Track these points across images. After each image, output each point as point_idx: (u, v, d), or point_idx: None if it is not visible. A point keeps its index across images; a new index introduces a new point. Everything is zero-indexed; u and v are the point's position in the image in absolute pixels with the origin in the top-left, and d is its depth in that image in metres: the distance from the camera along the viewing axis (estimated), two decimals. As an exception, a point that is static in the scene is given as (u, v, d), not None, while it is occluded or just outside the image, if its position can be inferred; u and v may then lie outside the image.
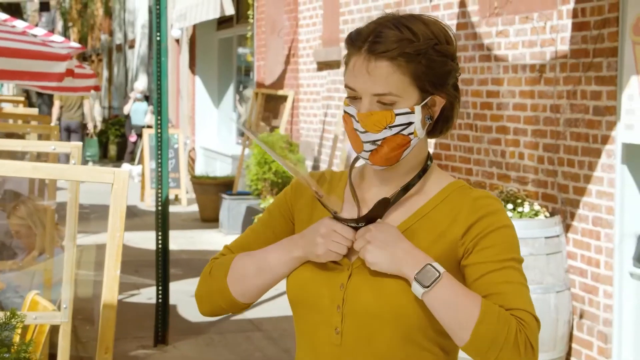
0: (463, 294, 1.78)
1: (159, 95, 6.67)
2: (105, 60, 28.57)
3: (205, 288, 2.04)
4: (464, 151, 6.88)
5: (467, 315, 1.76)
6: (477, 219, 1.87)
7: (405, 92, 1.85)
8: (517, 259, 1.86)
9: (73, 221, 3.71)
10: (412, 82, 1.85)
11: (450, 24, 7.04)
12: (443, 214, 1.90)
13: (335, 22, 9.42)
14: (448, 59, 1.88)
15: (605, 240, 5.40)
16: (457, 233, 1.87)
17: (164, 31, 6.67)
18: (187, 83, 15.81)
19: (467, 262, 1.86)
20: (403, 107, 1.85)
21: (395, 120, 1.85)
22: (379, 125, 1.85)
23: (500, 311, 1.77)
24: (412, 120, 1.86)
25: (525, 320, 1.78)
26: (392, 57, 1.83)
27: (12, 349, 2.57)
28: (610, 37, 5.31)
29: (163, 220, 6.67)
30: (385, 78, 1.83)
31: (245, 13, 13.03)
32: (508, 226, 1.88)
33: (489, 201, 1.90)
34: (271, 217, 2.07)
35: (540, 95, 5.98)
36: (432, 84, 1.87)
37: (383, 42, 1.83)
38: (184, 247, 10.20)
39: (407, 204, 1.93)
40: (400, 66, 1.83)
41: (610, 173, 5.34)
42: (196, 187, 12.60)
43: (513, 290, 1.81)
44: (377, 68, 1.84)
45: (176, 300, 7.50)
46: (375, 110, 1.85)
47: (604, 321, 5.42)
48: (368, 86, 1.85)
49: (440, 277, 1.78)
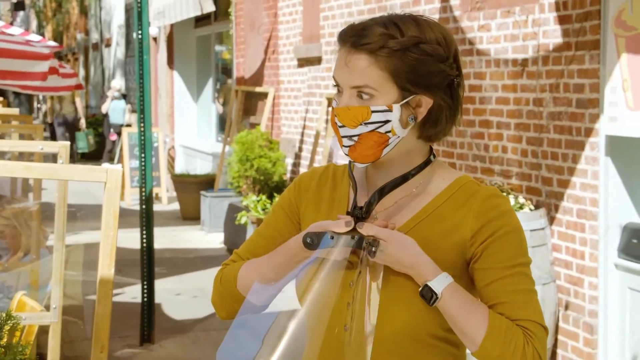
0: (467, 309, 1.79)
1: (142, 93, 6.64)
2: (81, 59, 28.40)
3: (219, 295, 2.05)
4: (447, 145, 6.90)
5: (474, 331, 1.78)
6: (487, 221, 1.86)
7: (382, 87, 1.83)
8: (525, 262, 1.86)
9: (61, 221, 3.69)
10: (390, 78, 1.83)
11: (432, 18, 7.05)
12: (451, 211, 1.89)
13: (315, 18, 9.42)
14: (435, 59, 1.84)
15: (590, 232, 5.44)
16: (466, 233, 1.86)
17: (145, 29, 6.64)
18: (165, 81, 15.75)
19: (476, 266, 1.86)
20: (380, 104, 1.83)
21: (372, 117, 1.83)
22: (355, 121, 1.84)
23: (508, 326, 1.78)
24: (389, 119, 1.84)
25: (533, 331, 1.79)
26: (371, 50, 1.81)
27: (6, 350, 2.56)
28: (592, 30, 5.34)
29: (147, 218, 6.65)
30: (362, 70, 1.82)
31: (224, 10, 12.99)
32: (517, 229, 1.88)
33: (498, 201, 1.89)
34: (276, 217, 2.06)
35: (523, 88, 6.01)
36: (414, 83, 1.83)
37: (366, 35, 1.83)
38: (167, 246, 10.18)
39: (414, 202, 1.92)
40: (379, 60, 1.82)
41: (594, 165, 5.37)
42: (177, 185, 12.57)
43: (521, 299, 1.82)
44: (355, 60, 1.83)
45: (161, 299, 7.49)
46: (353, 105, 1.85)
47: (590, 312, 5.45)
48: (346, 78, 1.85)
49: (439, 299, 1.79)
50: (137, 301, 6.98)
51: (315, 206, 2.02)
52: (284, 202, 2.07)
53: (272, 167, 10.02)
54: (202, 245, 10.44)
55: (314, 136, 9.42)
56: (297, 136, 10.13)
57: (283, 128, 10.56)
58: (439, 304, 1.80)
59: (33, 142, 3.84)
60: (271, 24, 10.72)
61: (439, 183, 1.93)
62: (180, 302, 7.76)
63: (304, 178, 2.07)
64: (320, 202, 2.01)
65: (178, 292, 8.08)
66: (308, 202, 2.03)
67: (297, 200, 2.05)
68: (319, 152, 9.28)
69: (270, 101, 10.62)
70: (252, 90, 11.16)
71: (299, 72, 9.98)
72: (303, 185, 2.06)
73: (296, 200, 2.05)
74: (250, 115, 11.46)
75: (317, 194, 2.02)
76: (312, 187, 2.04)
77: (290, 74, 10.26)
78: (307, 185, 2.05)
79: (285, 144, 10.43)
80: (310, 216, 2.01)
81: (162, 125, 15.63)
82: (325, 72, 9.25)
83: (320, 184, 2.04)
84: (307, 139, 9.83)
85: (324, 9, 9.13)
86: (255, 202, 9.47)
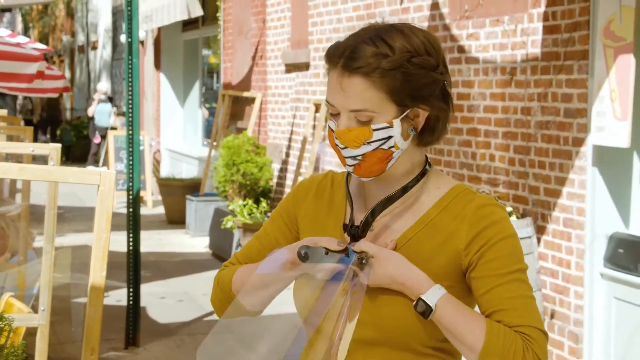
0: (464, 321, 1.79)
1: (131, 96, 6.63)
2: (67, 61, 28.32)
3: (216, 297, 2.06)
4: (435, 153, 6.92)
5: (472, 340, 1.78)
6: (481, 230, 1.85)
7: (381, 108, 1.82)
8: (522, 269, 1.86)
9: (51, 223, 3.69)
10: (387, 97, 1.82)
11: (421, 26, 7.07)
12: (447, 221, 1.88)
13: (304, 23, 9.44)
14: (428, 70, 1.84)
15: (576, 242, 5.47)
16: (461, 242, 1.86)
17: (135, 32, 6.63)
18: (151, 85, 15.73)
19: (473, 275, 1.85)
20: (380, 122, 1.83)
21: (373, 135, 1.83)
22: (357, 141, 1.84)
23: (506, 333, 1.78)
24: (391, 135, 1.84)
25: (533, 336, 1.79)
26: (365, 73, 1.80)
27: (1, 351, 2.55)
28: (581, 40, 5.37)
29: (134, 221, 6.64)
30: (359, 94, 1.81)
31: (212, 15, 12.99)
32: (512, 235, 1.87)
33: (492, 209, 1.88)
34: (274, 224, 2.06)
35: (511, 97, 6.04)
36: (411, 97, 1.84)
37: (358, 57, 1.81)
38: (152, 249, 10.15)
39: (410, 212, 1.92)
40: (375, 82, 1.81)
41: (581, 175, 5.41)
42: (162, 189, 12.55)
43: (519, 305, 1.82)
44: (351, 84, 1.81)
45: (146, 303, 7.47)
46: (353, 126, 1.84)
47: (575, 321, 5.48)
48: (343, 102, 1.83)
49: (435, 311, 1.79)
50: (122, 304, 6.96)
51: (314, 214, 2.01)
52: (282, 210, 2.07)
53: (258, 172, 10.02)
54: (187, 249, 10.43)
55: (300, 141, 9.43)
56: (284, 141, 10.14)
57: (270, 133, 10.56)
58: (434, 316, 1.79)
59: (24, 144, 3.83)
60: (259, 29, 10.73)
61: (434, 193, 1.93)
62: (166, 305, 7.75)
63: (303, 186, 2.07)
64: (318, 211, 2.01)
65: (163, 296, 8.06)
66: (306, 210, 2.03)
67: (295, 208, 2.05)
68: (306, 157, 9.29)
69: (257, 106, 10.62)
70: (240, 95, 11.17)
71: (287, 77, 9.99)
72: (301, 193, 2.06)
73: (294, 208, 2.05)
74: (237, 120, 11.46)
75: (315, 202, 2.02)
76: (310, 195, 2.04)
77: (277, 79, 10.27)
78: (305, 193, 2.05)
79: (272, 149, 10.44)
80: (307, 224, 2.01)
81: (147, 128, 15.61)
82: (312, 78, 9.26)
83: (319, 192, 2.04)
84: (294, 144, 9.84)
85: (313, 15, 9.15)
86: (242, 207, 9.47)
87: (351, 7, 8.29)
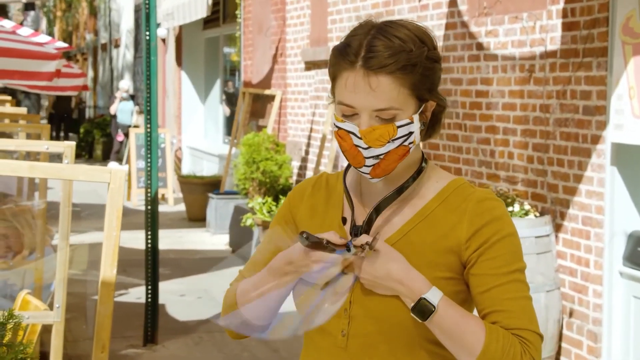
0: (464, 324, 1.78)
1: (149, 94, 6.65)
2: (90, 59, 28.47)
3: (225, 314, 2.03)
4: (453, 151, 6.90)
5: (471, 343, 1.77)
6: (482, 225, 1.85)
7: (405, 104, 1.83)
8: (520, 268, 1.86)
9: (66, 221, 3.70)
10: (411, 93, 1.83)
11: (439, 23, 7.06)
12: (445, 214, 1.88)
13: (323, 21, 9.42)
14: (438, 63, 1.88)
15: (595, 240, 5.42)
16: (461, 236, 1.85)
17: (153, 30, 6.64)
18: (173, 83, 15.77)
19: (472, 272, 1.85)
20: (403, 119, 1.83)
21: (398, 132, 1.83)
22: (382, 140, 1.83)
23: (505, 337, 1.77)
24: (412, 130, 1.85)
25: (529, 340, 1.79)
26: (391, 72, 1.80)
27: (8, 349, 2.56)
28: (600, 37, 5.33)
29: (152, 219, 6.66)
30: (387, 93, 1.80)
31: (232, 13, 13.01)
32: (512, 234, 1.87)
33: (493, 204, 1.88)
34: (274, 232, 2.04)
35: (530, 95, 6.00)
36: (428, 91, 1.86)
37: (377, 56, 1.80)
38: (172, 247, 10.19)
39: (408, 206, 1.91)
40: (399, 79, 1.81)
41: (600, 173, 5.36)
42: (183, 187, 12.58)
43: (517, 307, 1.81)
44: (380, 84, 1.80)
45: (165, 300, 7.50)
46: (375, 124, 1.83)
47: (594, 320, 5.44)
48: (369, 102, 1.81)
49: (436, 311, 1.77)
50: (141, 302, 6.98)
51: (311, 215, 2.01)
52: (281, 217, 2.06)
53: (278, 169, 10.02)
54: (207, 247, 10.45)
55: (320, 139, 9.42)
56: (303, 139, 10.14)
57: (290, 131, 10.56)
58: (434, 317, 1.77)
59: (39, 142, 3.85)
60: (279, 27, 10.73)
61: (433, 186, 1.93)
62: (185, 303, 7.76)
63: (298, 189, 2.07)
64: (315, 212, 2.00)
65: (182, 293, 8.09)
66: (303, 212, 2.02)
67: (292, 212, 2.04)
68: (325, 155, 9.28)
69: (277, 104, 10.63)
70: (260, 92, 11.18)
71: (306, 75, 9.98)
72: (297, 197, 2.05)
73: (292, 212, 2.04)
74: (257, 117, 11.47)
75: (311, 204, 2.02)
76: (305, 197, 2.03)
77: (297, 77, 10.27)
78: (300, 196, 2.05)
79: (291, 147, 10.44)
80: (306, 223, 2.00)
81: (169, 126, 15.66)
82: (332, 76, 9.24)
83: (314, 193, 2.03)
84: (314, 142, 9.83)
85: (332, 13, 9.14)
86: (261, 205, 9.47)
87: (370, 4, 8.27)
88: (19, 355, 2.51)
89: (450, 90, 6.88)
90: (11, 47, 5.45)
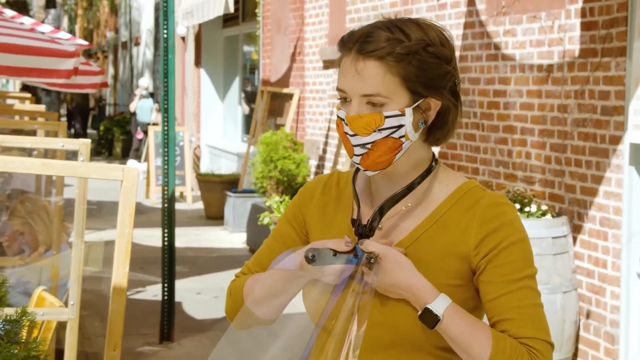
0: (470, 332, 1.76)
1: (166, 92, 6.67)
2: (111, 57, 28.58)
3: (230, 307, 2.04)
4: (471, 150, 6.87)
5: (477, 352, 1.75)
6: (491, 231, 1.82)
7: (394, 94, 1.80)
8: (531, 275, 1.82)
9: (80, 218, 3.71)
10: (402, 84, 1.80)
11: (457, 22, 7.03)
12: (456, 219, 1.85)
13: (341, 20, 9.42)
14: (442, 61, 1.82)
15: (613, 241, 5.39)
16: (470, 242, 1.82)
17: (171, 29, 6.66)
18: (192, 81, 15.81)
19: (482, 279, 1.82)
20: (393, 109, 1.80)
21: (385, 122, 1.80)
22: (368, 128, 1.80)
23: (512, 347, 1.75)
24: (402, 123, 1.81)
25: (538, 349, 1.77)
26: (380, 57, 1.78)
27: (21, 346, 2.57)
28: (618, 37, 5.29)
29: (169, 217, 6.67)
30: (373, 77, 1.79)
31: (251, 11, 13.02)
32: (522, 239, 1.83)
33: (503, 209, 1.84)
34: (281, 229, 2.03)
35: (548, 94, 5.97)
36: (425, 86, 1.81)
37: (372, 41, 1.79)
38: (190, 245, 10.21)
39: (418, 210, 1.88)
40: (390, 66, 1.79)
41: (618, 173, 5.33)
42: (201, 185, 12.61)
43: (527, 315, 1.78)
44: (365, 67, 1.79)
45: (181, 298, 7.51)
46: (364, 112, 1.81)
47: (611, 322, 5.40)
48: (357, 86, 1.80)
49: (442, 320, 1.76)
50: (158, 299, 7.00)
51: (320, 215, 1.99)
52: (290, 214, 2.04)
53: (295, 168, 10.02)
54: (224, 245, 10.46)
55: (337, 138, 9.41)
56: (321, 138, 10.13)
57: (307, 130, 10.56)
58: (440, 326, 1.76)
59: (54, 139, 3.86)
60: (297, 26, 10.73)
61: (443, 189, 1.90)
62: (201, 301, 7.78)
63: (308, 187, 2.05)
64: (325, 211, 1.98)
65: (199, 292, 8.10)
66: (313, 211, 2.00)
67: (302, 210, 2.02)
68: (343, 154, 9.27)
69: (295, 102, 10.63)
70: (278, 91, 11.18)
71: (324, 73, 9.98)
72: (307, 195, 2.03)
73: (301, 210, 2.02)
74: (275, 116, 11.47)
75: (322, 203, 2.00)
76: (316, 196, 2.01)
77: (315, 76, 10.26)
78: (311, 194, 2.03)
79: (309, 146, 10.43)
80: (315, 225, 1.98)
81: (188, 124, 15.69)
82: (350, 75, 9.23)
83: (325, 192, 2.01)
84: (331, 140, 9.82)
85: (350, 11, 9.13)
86: (278, 203, 9.48)
87: (388, 3, 8.25)
88: (32, 353, 2.52)
89: (468, 90, 6.85)
90: (29, 45, 5.46)
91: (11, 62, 5.33)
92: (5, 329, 2.55)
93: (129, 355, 6.22)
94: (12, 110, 7.48)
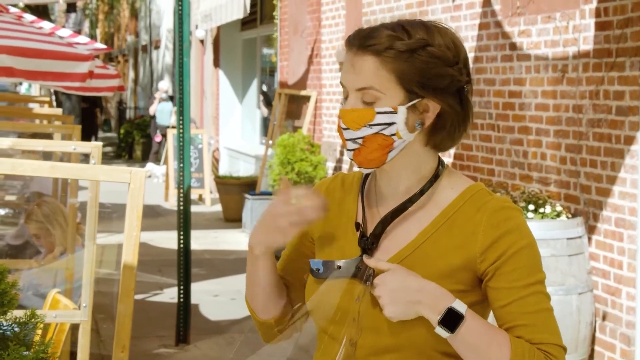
0: (489, 336, 1.75)
1: (181, 95, 6.70)
2: (131, 61, 28.73)
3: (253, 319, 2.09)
4: (486, 151, 6.85)
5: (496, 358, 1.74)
6: (498, 237, 1.80)
7: (388, 90, 1.79)
8: (540, 279, 1.81)
9: (93, 220, 3.73)
10: (396, 80, 1.79)
11: (473, 23, 7.02)
12: (461, 224, 1.83)
13: (358, 22, 9.42)
14: (443, 63, 1.80)
15: (628, 242, 5.36)
16: (476, 248, 1.81)
17: (186, 32, 6.70)
18: (211, 84, 15.85)
19: (490, 285, 1.81)
20: (385, 106, 1.80)
21: (376, 118, 1.79)
22: (359, 123, 1.80)
23: (530, 352, 1.74)
24: (394, 121, 1.80)
25: (554, 354, 1.76)
26: (377, 51, 1.78)
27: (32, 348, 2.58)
28: (633, 37, 5.26)
29: (185, 219, 6.70)
30: (367, 71, 1.79)
31: (269, 14, 13.05)
32: (530, 244, 1.81)
33: (509, 213, 1.82)
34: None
35: (563, 95, 5.95)
36: (421, 85, 1.79)
37: (373, 37, 1.80)
38: (207, 247, 10.24)
39: (422, 214, 1.87)
40: (385, 62, 1.78)
41: (633, 174, 5.30)
42: (220, 187, 12.65)
43: (539, 321, 1.78)
44: (361, 61, 1.80)
45: (198, 300, 7.53)
46: (358, 107, 1.81)
47: (627, 323, 5.37)
48: (352, 80, 1.81)
49: (465, 321, 1.74)
50: (175, 301, 7.03)
51: (325, 217, 1.96)
52: None
53: (312, 170, 10.03)
54: (242, 247, 10.48)
55: (355, 140, 9.41)
56: (338, 140, 10.13)
57: (325, 132, 10.57)
58: (461, 329, 1.73)
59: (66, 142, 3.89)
60: (314, 28, 10.75)
61: (449, 193, 1.87)
62: (218, 303, 7.80)
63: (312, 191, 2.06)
64: (329, 214, 1.96)
65: (216, 294, 8.12)
66: None
67: None
68: (360, 156, 9.27)
69: (312, 105, 10.64)
70: (295, 93, 11.19)
71: (342, 76, 9.98)
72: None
73: None
74: (293, 118, 11.49)
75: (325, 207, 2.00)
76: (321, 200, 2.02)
77: (332, 78, 10.27)
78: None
79: (326, 148, 10.44)
80: (319, 228, 1.98)
81: (207, 127, 15.74)
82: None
83: (328, 193, 2.00)
84: (349, 143, 9.82)
85: (367, 13, 9.13)
86: (296, 205, 9.48)
87: (404, 4, 8.25)
88: (40, 355, 2.53)
89: (484, 91, 6.84)
90: (45, 49, 5.51)
91: (27, 65, 5.37)
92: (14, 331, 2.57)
93: (145, 357, 6.25)
94: (31, 114, 7.55)
